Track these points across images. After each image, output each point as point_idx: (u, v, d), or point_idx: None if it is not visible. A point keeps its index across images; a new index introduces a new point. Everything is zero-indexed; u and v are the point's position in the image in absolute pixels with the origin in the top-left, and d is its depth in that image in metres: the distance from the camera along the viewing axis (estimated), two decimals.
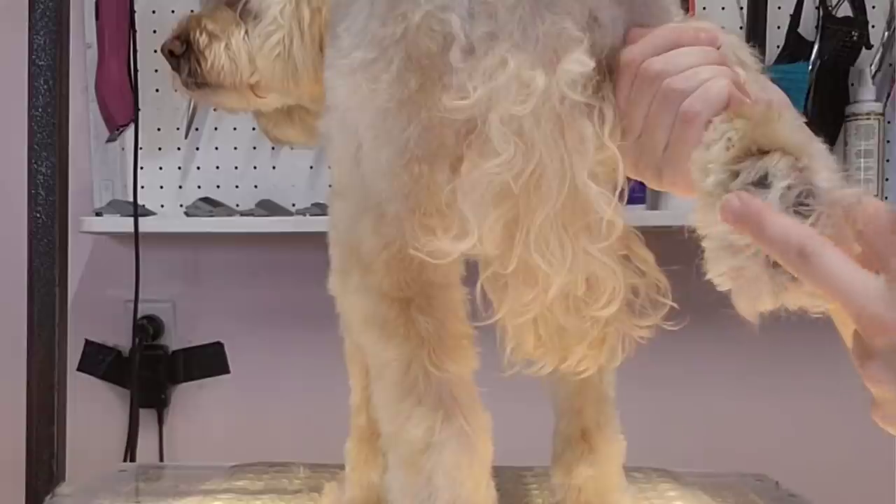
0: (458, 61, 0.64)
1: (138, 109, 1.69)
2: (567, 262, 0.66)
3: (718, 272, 0.56)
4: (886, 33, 1.70)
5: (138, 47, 1.68)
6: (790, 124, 0.57)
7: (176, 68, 1.00)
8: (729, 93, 0.60)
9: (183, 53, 0.99)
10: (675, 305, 0.69)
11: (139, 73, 1.68)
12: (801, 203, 0.53)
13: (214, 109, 1.72)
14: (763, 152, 0.55)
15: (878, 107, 1.65)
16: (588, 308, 0.68)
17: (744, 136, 0.56)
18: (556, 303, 0.67)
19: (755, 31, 1.65)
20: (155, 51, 1.67)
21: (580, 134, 0.64)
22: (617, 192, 0.65)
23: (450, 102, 0.64)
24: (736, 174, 0.55)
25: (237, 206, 1.75)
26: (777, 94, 0.66)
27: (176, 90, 1.03)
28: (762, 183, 0.54)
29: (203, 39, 0.98)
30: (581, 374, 0.72)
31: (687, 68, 0.62)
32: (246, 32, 0.97)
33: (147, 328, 1.78)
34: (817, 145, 0.57)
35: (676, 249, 0.58)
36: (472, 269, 0.74)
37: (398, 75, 0.66)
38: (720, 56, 0.64)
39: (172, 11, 1.73)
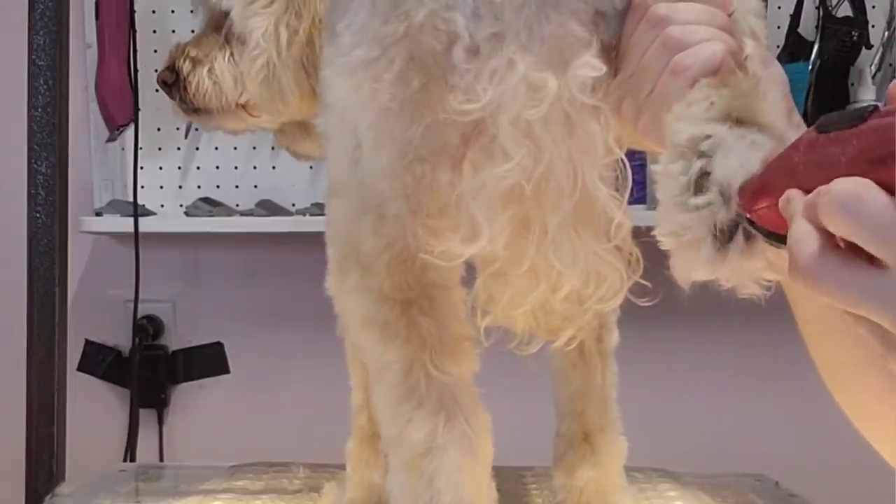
0: (462, 62, 0.64)
1: (138, 109, 1.69)
2: (579, 264, 0.66)
3: (665, 229, 0.56)
4: (886, 33, 1.70)
5: (138, 47, 1.68)
6: (773, 105, 0.57)
7: (171, 97, 1.03)
8: (722, 59, 0.60)
9: (174, 82, 1.01)
10: (647, 283, 0.69)
11: (139, 73, 1.68)
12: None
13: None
14: (740, 123, 0.55)
15: None
16: (588, 300, 0.68)
17: (726, 102, 0.56)
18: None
19: None
20: (155, 51, 1.68)
21: (588, 135, 0.64)
22: (626, 194, 0.66)
23: (458, 105, 0.64)
24: (708, 136, 0.55)
25: (237, 206, 1.75)
26: (776, 70, 0.67)
27: (177, 116, 1.06)
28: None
29: (186, 66, 1.00)
30: (566, 348, 0.73)
31: (691, 22, 0.62)
32: (231, 55, 0.99)
33: (147, 328, 1.78)
34: (791, 133, 0.57)
35: None
36: (470, 270, 0.74)
37: (400, 74, 0.65)
38: (727, 23, 0.64)
39: (172, 11, 1.73)
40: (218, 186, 1.76)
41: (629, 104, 0.65)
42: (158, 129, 1.74)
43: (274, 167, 1.76)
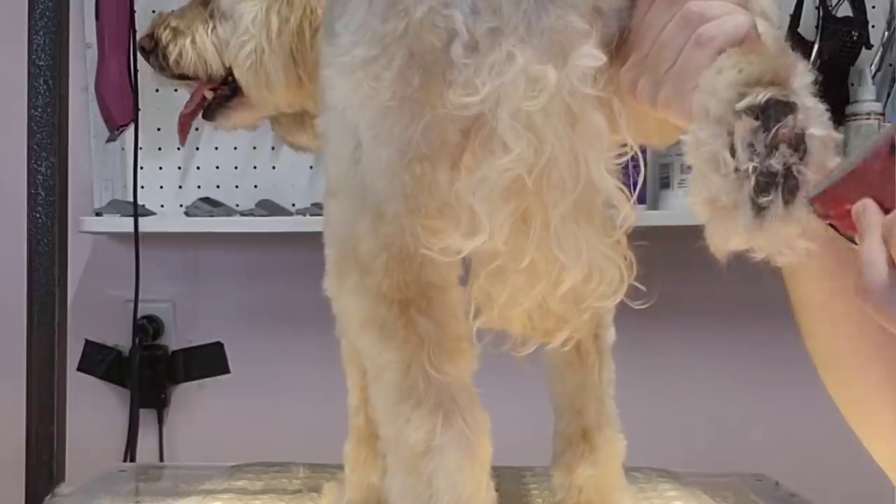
0: (461, 57, 0.64)
1: (138, 109, 1.69)
2: (582, 257, 0.66)
3: (698, 197, 0.55)
4: (886, 33, 1.70)
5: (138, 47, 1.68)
6: (803, 74, 0.58)
7: (149, 63, 1.07)
8: (747, 30, 0.61)
9: (152, 49, 1.05)
10: (640, 286, 0.69)
11: (139, 73, 1.68)
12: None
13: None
14: (773, 84, 0.56)
15: (878, 107, 1.65)
16: (589, 297, 0.68)
17: (756, 68, 0.57)
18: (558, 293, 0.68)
19: None
20: None
21: (593, 127, 0.64)
22: (638, 188, 0.66)
23: (457, 99, 0.64)
24: (743, 95, 0.55)
25: (237, 206, 1.75)
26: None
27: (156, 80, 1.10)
28: (764, 110, 0.55)
29: (166, 35, 1.04)
30: (562, 349, 0.74)
31: None
32: (213, 28, 1.01)
33: (147, 328, 1.78)
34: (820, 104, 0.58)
35: (676, 249, 0.58)
36: (468, 270, 0.74)
37: (400, 72, 0.66)
38: (742, 1, 0.65)
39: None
40: (218, 186, 1.76)
41: (646, 81, 0.65)
42: (158, 129, 1.74)
43: (274, 167, 1.76)
